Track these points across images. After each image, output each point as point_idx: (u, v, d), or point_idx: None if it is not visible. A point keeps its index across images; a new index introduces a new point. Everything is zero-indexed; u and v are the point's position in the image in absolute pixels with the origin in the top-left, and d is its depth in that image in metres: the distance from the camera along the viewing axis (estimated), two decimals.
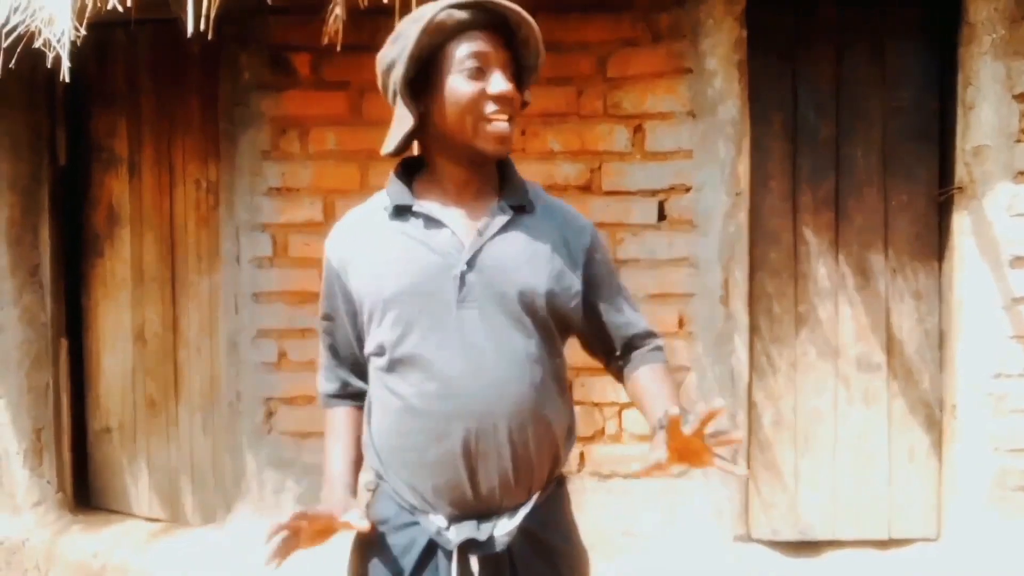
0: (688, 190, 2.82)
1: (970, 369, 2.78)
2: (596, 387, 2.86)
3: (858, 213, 2.91)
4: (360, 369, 1.49)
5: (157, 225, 3.26)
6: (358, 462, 1.50)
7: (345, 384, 1.52)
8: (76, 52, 2.42)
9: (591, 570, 1.51)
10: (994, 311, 2.75)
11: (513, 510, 1.36)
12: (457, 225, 1.38)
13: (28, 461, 3.24)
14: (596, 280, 1.48)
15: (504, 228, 1.38)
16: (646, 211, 2.84)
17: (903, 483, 2.93)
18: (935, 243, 2.91)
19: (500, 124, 1.34)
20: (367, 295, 1.38)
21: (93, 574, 3.08)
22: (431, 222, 1.38)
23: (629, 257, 2.84)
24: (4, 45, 2.46)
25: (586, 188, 2.85)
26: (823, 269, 2.92)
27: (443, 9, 1.31)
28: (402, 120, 1.36)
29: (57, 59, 2.39)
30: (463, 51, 1.33)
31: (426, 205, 1.39)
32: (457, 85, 1.33)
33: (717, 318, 2.82)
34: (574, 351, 1.54)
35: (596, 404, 2.87)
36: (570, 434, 1.46)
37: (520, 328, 1.36)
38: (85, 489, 3.45)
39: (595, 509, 2.84)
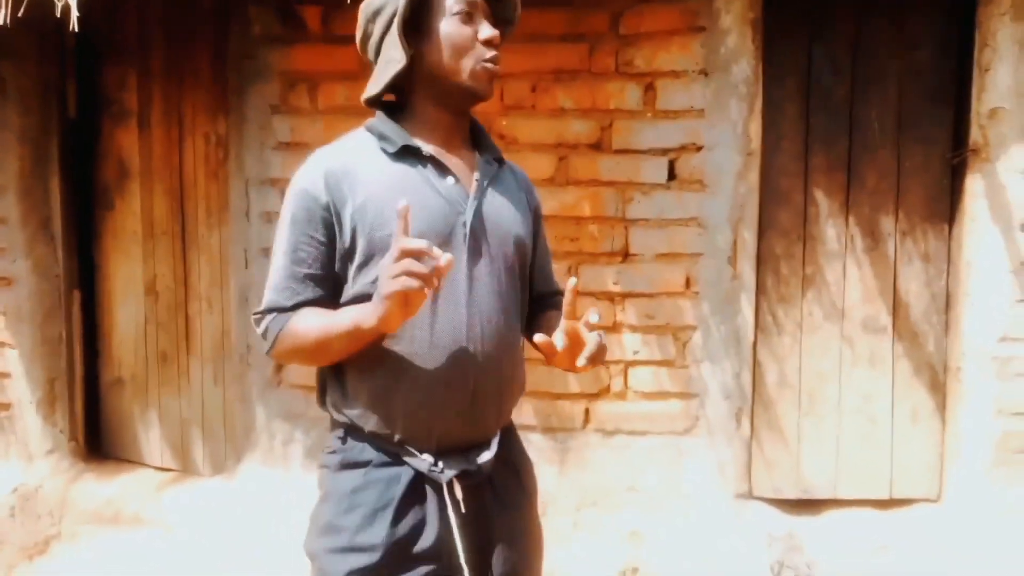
0: (699, 149, 2.80)
1: (976, 332, 2.79)
2: None
3: (870, 175, 2.89)
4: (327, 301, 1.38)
5: (167, 178, 3.26)
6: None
7: (315, 300, 1.37)
8: (85, 4, 2.40)
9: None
10: (1002, 274, 2.74)
11: (489, 439, 1.46)
12: (458, 173, 1.42)
13: (41, 410, 3.30)
14: (537, 235, 1.61)
15: (492, 180, 1.46)
16: (656, 170, 2.82)
17: (906, 444, 2.95)
18: (947, 206, 2.89)
19: (491, 64, 1.39)
20: (370, 233, 1.32)
21: (106, 521, 3.14)
22: (438, 167, 1.40)
23: (638, 216, 2.83)
24: None
25: (596, 146, 2.84)
26: (832, 231, 2.91)
27: None
28: (390, 63, 1.37)
29: (66, 9, 2.37)
30: None
31: (431, 149, 1.40)
32: (452, 28, 1.38)
33: (724, 278, 2.82)
34: None
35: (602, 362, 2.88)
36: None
37: (510, 276, 1.45)
38: (97, 439, 3.51)
39: (599, 465, 2.87)
